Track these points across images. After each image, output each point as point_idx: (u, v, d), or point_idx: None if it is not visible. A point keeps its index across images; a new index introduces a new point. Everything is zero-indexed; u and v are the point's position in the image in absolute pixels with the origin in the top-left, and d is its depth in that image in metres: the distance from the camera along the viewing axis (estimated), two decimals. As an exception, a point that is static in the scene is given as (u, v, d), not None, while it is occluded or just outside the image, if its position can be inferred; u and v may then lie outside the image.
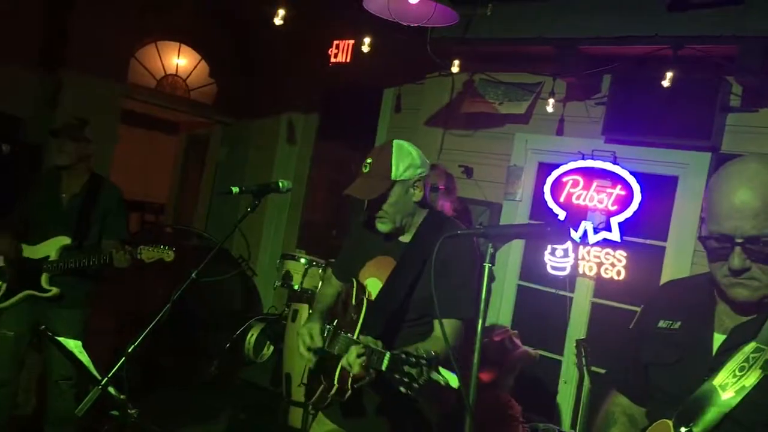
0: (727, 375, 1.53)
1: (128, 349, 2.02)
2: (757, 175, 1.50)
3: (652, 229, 4.45)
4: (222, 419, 4.99)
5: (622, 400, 1.87)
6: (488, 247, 1.63)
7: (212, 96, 7.23)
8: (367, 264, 2.51)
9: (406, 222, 2.44)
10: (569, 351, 4.65)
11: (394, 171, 2.34)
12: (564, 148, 4.78)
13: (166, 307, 2.07)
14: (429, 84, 5.63)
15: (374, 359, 1.95)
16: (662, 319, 1.73)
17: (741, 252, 1.49)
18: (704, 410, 1.53)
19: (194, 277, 2.15)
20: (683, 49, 4.02)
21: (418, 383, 1.74)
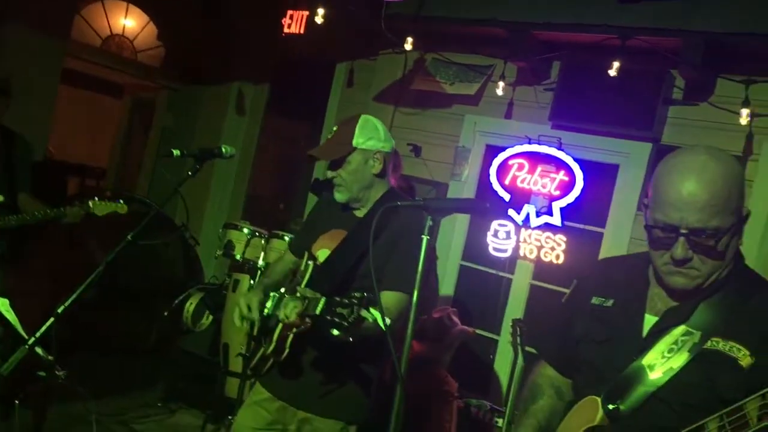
0: (656, 356, 1.57)
1: (58, 310, 1.97)
2: (705, 168, 1.51)
3: (591, 215, 4.55)
4: (159, 387, 4.95)
5: (550, 371, 1.91)
6: (427, 220, 1.64)
7: (160, 59, 7.06)
8: (321, 236, 2.54)
9: (363, 195, 2.48)
10: (506, 331, 4.73)
11: (356, 138, 2.40)
12: (511, 131, 4.83)
13: (98, 268, 2.02)
14: (381, 61, 5.61)
15: (310, 306, 1.98)
16: (596, 296, 1.76)
17: (685, 243, 1.52)
18: (632, 389, 1.57)
19: (130, 239, 2.10)
20: (631, 39, 4.09)
21: (348, 321, 1.78)
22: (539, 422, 1.81)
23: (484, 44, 4.90)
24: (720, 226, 1.51)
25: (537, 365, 1.97)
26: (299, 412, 2.45)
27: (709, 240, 1.51)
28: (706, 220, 1.50)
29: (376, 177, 2.48)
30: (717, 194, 1.50)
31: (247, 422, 2.54)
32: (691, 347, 1.55)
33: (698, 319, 1.58)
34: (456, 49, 5.10)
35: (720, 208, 1.50)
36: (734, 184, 1.53)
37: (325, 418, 2.42)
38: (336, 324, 1.80)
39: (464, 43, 5.02)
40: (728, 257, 1.57)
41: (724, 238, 1.52)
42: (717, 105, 4.13)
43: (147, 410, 4.70)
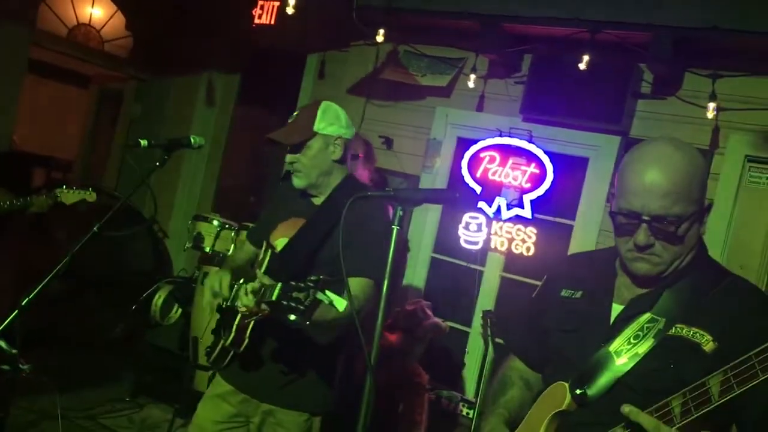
0: (622, 342, 1.62)
1: (22, 302, 1.93)
2: (668, 157, 1.57)
3: (561, 207, 4.59)
4: (126, 381, 4.89)
5: (519, 364, 1.95)
6: (397, 210, 1.64)
7: (128, 50, 6.93)
8: (279, 225, 2.52)
9: (321, 181, 2.47)
10: (477, 323, 4.76)
11: (317, 123, 2.39)
12: (483, 124, 4.85)
13: (64, 260, 1.99)
14: (353, 52, 5.59)
15: (267, 293, 1.94)
16: (565, 288, 1.81)
17: (647, 229, 1.57)
18: (599, 374, 1.61)
19: (96, 230, 2.07)
20: (600, 33, 4.12)
21: (304, 305, 1.74)
22: (509, 412, 1.84)
23: (456, 37, 4.90)
24: (681, 214, 1.56)
25: (506, 359, 2.00)
26: (262, 405, 2.43)
27: (669, 226, 1.56)
28: (668, 207, 1.55)
29: (336, 163, 2.46)
30: (678, 183, 1.55)
31: (209, 415, 2.50)
32: (655, 334, 1.59)
33: (662, 306, 1.62)
34: (428, 41, 5.09)
35: (681, 196, 1.55)
36: (696, 175, 1.58)
37: (288, 410, 2.39)
38: (292, 309, 1.76)
39: (436, 35, 5.02)
40: (689, 244, 1.62)
41: (684, 224, 1.57)
42: (684, 99, 4.19)
43: (115, 404, 4.65)
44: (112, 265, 5.57)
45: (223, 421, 2.48)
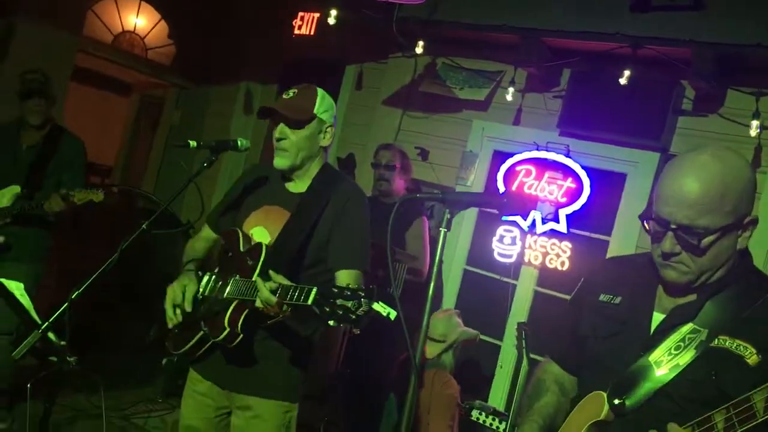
0: (662, 353, 1.60)
1: (72, 295, 1.98)
2: (703, 167, 1.55)
3: (598, 223, 4.56)
4: (159, 384, 4.94)
5: (554, 368, 1.93)
6: (444, 213, 1.65)
7: (170, 58, 7.08)
8: (253, 213, 2.46)
9: (303, 165, 2.43)
10: (509, 337, 4.74)
11: (317, 107, 2.39)
12: (519, 137, 4.85)
13: (114, 255, 2.03)
14: (391, 64, 5.63)
15: (295, 294, 1.92)
16: (603, 293, 1.79)
17: (672, 237, 1.57)
18: (638, 384, 1.59)
19: (145, 228, 2.11)
20: (642, 49, 4.11)
21: (356, 314, 1.74)
22: (543, 419, 1.83)
23: (495, 50, 4.92)
24: (708, 226, 1.53)
25: (542, 362, 1.98)
26: (242, 397, 2.40)
27: (693, 238, 1.54)
28: (694, 218, 1.53)
29: (322, 149, 2.46)
30: (709, 194, 1.52)
31: (193, 413, 2.49)
32: (697, 345, 1.57)
33: (705, 317, 1.60)
34: (466, 54, 5.12)
35: (711, 208, 1.53)
36: (732, 187, 1.54)
37: (266, 400, 2.38)
38: (338, 316, 1.76)
39: (475, 48, 5.04)
40: (720, 257, 1.59)
41: (710, 237, 1.54)
42: (726, 117, 4.15)
43: (148, 405, 4.70)
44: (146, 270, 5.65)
45: (208, 417, 2.47)
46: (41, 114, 3.84)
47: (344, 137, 5.84)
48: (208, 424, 2.47)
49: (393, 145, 4.52)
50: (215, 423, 2.47)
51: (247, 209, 2.49)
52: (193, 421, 2.49)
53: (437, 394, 3.70)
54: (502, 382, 4.74)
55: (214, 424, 2.48)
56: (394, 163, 4.33)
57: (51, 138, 3.89)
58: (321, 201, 2.36)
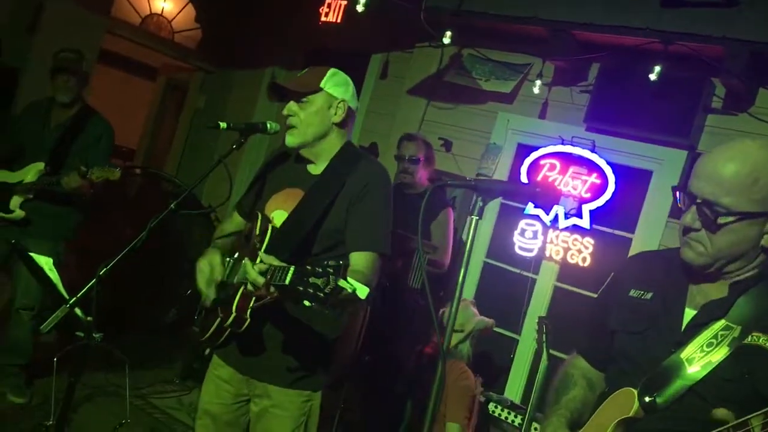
0: (694, 349, 1.58)
1: (100, 272, 1.99)
2: (745, 150, 1.54)
3: (621, 220, 4.52)
4: (177, 365, 4.99)
5: (582, 363, 1.91)
6: (477, 201, 1.64)
7: (196, 41, 7.10)
8: (273, 197, 2.42)
9: (316, 143, 2.36)
10: (527, 331, 4.73)
11: (324, 81, 2.33)
12: (545, 131, 4.82)
13: (142, 233, 2.04)
14: (417, 54, 5.60)
15: (278, 276, 1.85)
16: (634, 288, 1.76)
17: (694, 212, 1.57)
18: (669, 382, 1.57)
19: (173, 207, 2.12)
20: (673, 45, 4.06)
21: (323, 292, 1.65)
22: (571, 413, 1.81)
23: (523, 42, 4.88)
24: (730, 207, 1.52)
25: (569, 356, 1.97)
26: (262, 385, 2.38)
27: (713, 215, 1.53)
28: (719, 195, 1.52)
29: (335, 127, 2.37)
30: (740, 175, 1.52)
31: (213, 398, 2.48)
32: (730, 342, 1.55)
33: (738, 313, 1.58)
34: (494, 45, 5.08)
35: (738, 189, 1.52)
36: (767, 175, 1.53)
37: (288, 389, 2.35)
38: (310, 295, 1.67)
39: (502, 39, 5.01)
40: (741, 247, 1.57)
41: (729, 218, 1.53)
42: (756, 116, 4.09)
43: (165, 386, 4.75)
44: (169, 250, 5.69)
45: (227, 403, 2.46)
46: (69, 91, 3.84)
47: (368, 126, 5.83)
48: (227, 410, 2.47)
49: (417, 136, 4.46)
50: (234, 409, 2.47)
51: (270, 192, 2.45)
52: (212, 406, 2.48)
53: (453, 384, 3.69)
54: (518, 376, 4.72)
55: (233, 411, 2.47)
56: (418, 156, 4.29)
57: (79, 117, 3.91)
58: (336, 182, 2.29)
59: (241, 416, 2.49)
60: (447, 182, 1.80)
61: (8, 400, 3.86)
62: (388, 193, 2.36)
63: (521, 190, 2.05)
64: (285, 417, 2.36)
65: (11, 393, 3.88)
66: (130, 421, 3.80)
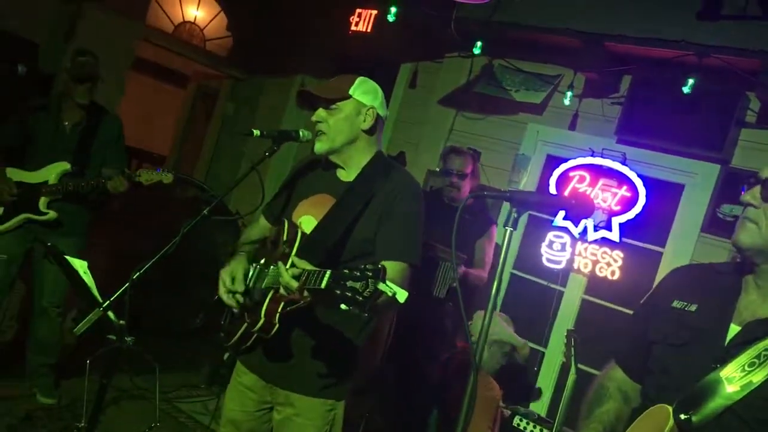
0: (735, 368, 1.52)
1: (133, 276, 2.01)
2: None
3: (651, 233, 4.47)
4: (203, 371, 5.01)
5: (619, 374, 1.87)
6: (511, 212, 1.62)
7: (227, 50, 7.18)
8: (302, 202, 2.40)
9: (345, 150, 2.35)
10: (553, 344, 4.69)
11: (353, 88, 2.31)
12: (575, 143, 4.79)
13: (176, 238, 2.06)
14: (447, 64, 5.61)
15: (312, 279, 1.83)
16: (677, 299, 1.71)
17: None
18: (706, 400, 1.52)
19: (206, 213, 2.14)
20: (707, 57, 4.01)
21: (362, 295, 1.63)
22: (603, 426, 1.77)
23: (554, 53, 4.86)
24: None
25: (605, 368, 1.92)
26: (285, 393, 2.36)
27: None
28: None
29: (364, 133, 2.34)
30: None
31: (236, 406, 2.47)
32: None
33: None
34: (524, 56, 5.07)
35: None
36: None
37: (312, 398, 2.33)
38: (347, 298, 1.64)
39: (533, 51, 4.99)
40: None
41: None
42: (792, 131, 4.02)
43: (191, 391, 4.77)
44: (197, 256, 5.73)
45: (252, 410, 2.45)
46: (90, 94, 3.86)
47: (396, 136, 5.84)
48: (249, 417, 2.46)
49: (463, 149, 4.39)
50: (257, 417, 2.46)
51: (298, 198, 2.44)
52: (235, 413, 2.48)
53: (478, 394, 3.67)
54: (544, 388, 4.68)
55: (256, 418, 2.46)
56: (466, 170, 4.23)
57: (93, 116, 3.89)
58: (367, 191, 2.28)
59: (264, 424, 2.47)
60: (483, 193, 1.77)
61: (38, 400, 3.90)
62: (419, 203, 2.35)
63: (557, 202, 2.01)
64: (308, 426, 2.34)
65: (41, 394, 3.93)
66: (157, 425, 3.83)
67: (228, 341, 2.34)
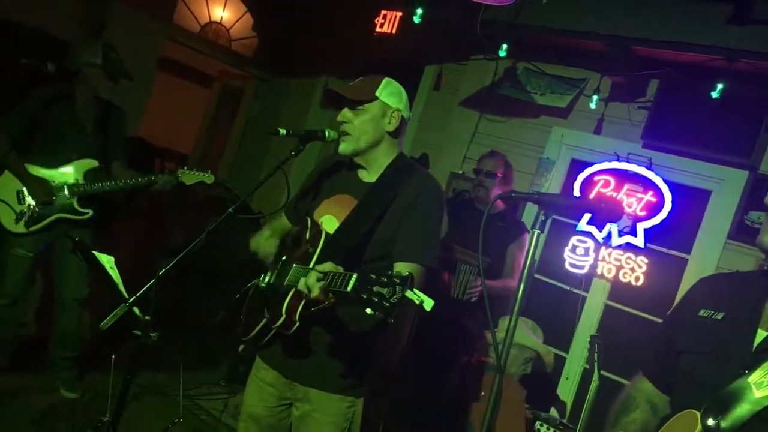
0: (763, 373, 1.51)
1: (159, 273, 2.02)
2: None
3: (677, 239, 4.42)
4: (223, 368, 5.04)
5: (646, 385, 1.86)
6: (539, 215, 1.61)
7: (252, 50, 7.22)
8: (324, 202, 2.44)
9: (369, 151, 2.37)
10: (576, 349, 4.65)
11: (380, 90, 2.33)
12: (600, 147, 4.75)
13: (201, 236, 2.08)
14: (471, 66, 5.59)
15: (337, 281, 1.86)
16: (704, 308, 1.71)
17: None
18: (735, 405, 1.51)
19: (231, 211, 2.15)
20: (737, 62, 3.96)
21: (389, 301, 1.65)
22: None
23: (580, 57, 4.83)
24: None
25: (633, 379, 1.91)
26: (304, 389, 2.38)
27: None
28: None
29: (389, 136, 2.37)
30: None
31: (256, 401, 2.49)
32: None
33: None
34: (549, 59, 5.04)
35: None
36: None
37: (332, 394, 2.35)
38: (373, 303, 1.67)
39: (559, 54, 4.96)
40: None
41: None
42: (823, 137, 3.95)
43: (211, 388, 4.80)
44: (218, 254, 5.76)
45: (272, 405, 2.46)
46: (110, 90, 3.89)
47: (419, 137, 5.83)
48: (270, 413, 2.47)
49: (499, 153, 4.41)
50: (276, 412, 2.48)
51: (320, 197, 2.47)
52: (255, 408, 2.49)
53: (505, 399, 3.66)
54: (566, 394, 4.64)
55: (276, 413, 2.48)
56: (496, 172, 4.23)
57: (102, 109, 3.91)
58: (389, 192, 2.30)
59: (283, 419, 2.49)
60: (511, 194, 1.75)
61: (61, 395, 3.95)
62: (440, 206, 2.37)
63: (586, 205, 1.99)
64: (327, 422, 2.35)
65: (64, 388, 3.97)
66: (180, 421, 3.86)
67: (246, 335, 2.36)
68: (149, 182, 3.74)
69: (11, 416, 3.56)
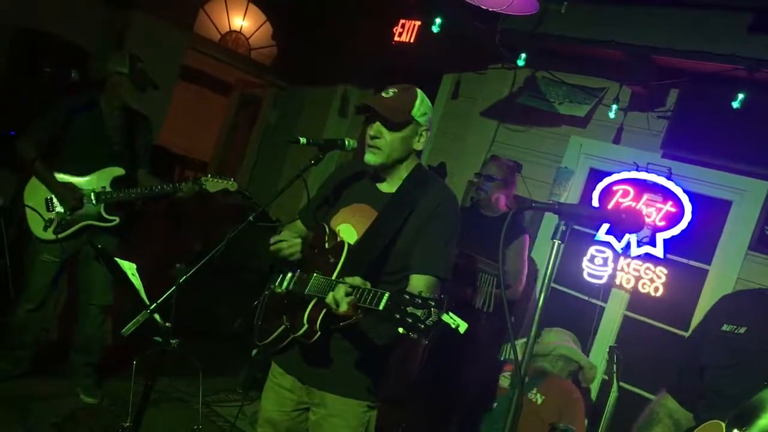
0: None
1: (180, 280, 2.04)
2: None
3: (697, 250, 4.38)
4: (240, 375, 5.06)
5: (670, 402, 1.87)
6: (560, 225, 1.61)
7: (271, 59, 7.27)
8: (341, 210, 2.45)
9: (394, 165, 2.39)
10: (594, 360, 4.61)
11: (416, 109, 2.34)
12: (619, 157, 4.73)
13: (221, 243, 2.09)
14: (490, 75, 5.59)
15: (368, 298, 1.87)
16: (726, 323, 1.73)
17: None
18: (759, 416, 1.52)
19: (251, 219, 2.17)
20: (758, 72, 3.93)
21: (424, 324, 1.67)
22: None
23: (599, 66, 4.81)
24: None
25: (657, 396, 1.93)
26: (320, 393, 2.39)
27: None
28: None
29: (414, 152, 2.41)
30: None
31: (274, 406, 2.50)
32: None
33: None
34: (568, 68, 5.03)
35: None
36: None
37: (348, 398, 2.35)
38: (407, 324, 1.69)
39: (578, 63, 4.95)
40: None
41: None
42: None
43: (228, 395, 4.81)
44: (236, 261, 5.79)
45: (289, 410, 2.47)
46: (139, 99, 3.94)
47: (437, 146, 5.83)
48: (287, 417, 2.49)
49: (502, 159, 4.45)
50: (294, 416, 2.49)
51: (337, 206, 2.48)
52: (273, 413, 2.50)
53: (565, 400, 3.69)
54: (583, 405, 4.60)
55: (293, 418, 2.49)
56: (496, 176, 4.26)
57: (129, 118, 3.95)
58: (409, 204, 2.31)
59: (300, 424, 2.50)
60: (531, 205, 1.75)
61: (81, 400, 3.98)
62: (456, 218, 2.38)
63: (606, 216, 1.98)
64: (343, 426, 2.36)
65: (84, 393, 4.00)
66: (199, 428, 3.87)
67: (261, 340, 2.39)
68: (174, 189, 3.78)
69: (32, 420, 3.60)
